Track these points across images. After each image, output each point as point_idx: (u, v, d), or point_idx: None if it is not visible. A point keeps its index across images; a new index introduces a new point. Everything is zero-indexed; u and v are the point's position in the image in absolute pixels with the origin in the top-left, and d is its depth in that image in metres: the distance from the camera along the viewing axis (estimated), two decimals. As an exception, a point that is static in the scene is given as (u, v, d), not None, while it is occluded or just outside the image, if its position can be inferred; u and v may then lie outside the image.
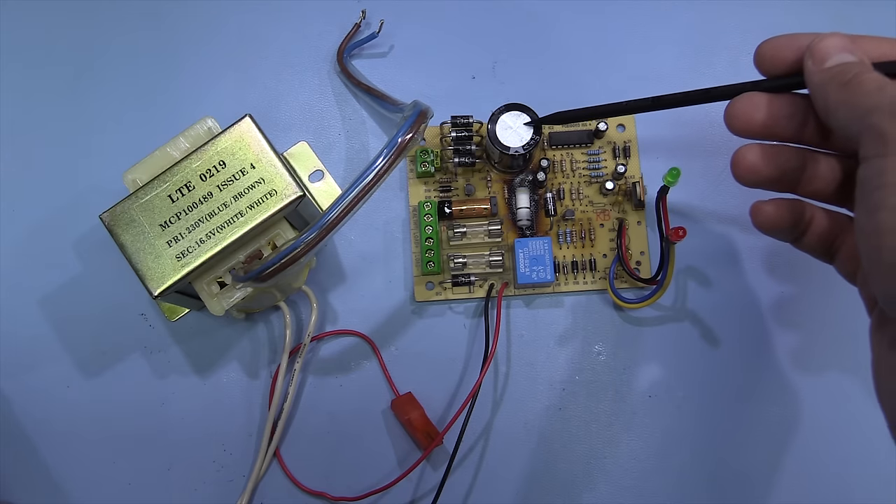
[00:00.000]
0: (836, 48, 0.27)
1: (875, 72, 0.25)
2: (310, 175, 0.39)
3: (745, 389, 0.38)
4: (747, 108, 0.29)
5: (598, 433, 0.37)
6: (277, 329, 0.38)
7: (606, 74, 0.41)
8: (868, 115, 0.24)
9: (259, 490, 0.37)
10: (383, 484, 0.36)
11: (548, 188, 0.39)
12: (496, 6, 0.42)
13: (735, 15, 0.42)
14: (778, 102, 0.29)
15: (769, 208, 0.30)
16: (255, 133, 0.33)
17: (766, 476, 0.37)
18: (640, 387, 0.38)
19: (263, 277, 0.31)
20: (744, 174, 0.29)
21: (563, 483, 0.37)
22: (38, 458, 0.37)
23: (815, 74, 0.27)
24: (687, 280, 0.39)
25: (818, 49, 0.27)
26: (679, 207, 0.39)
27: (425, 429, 0.36)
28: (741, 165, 0.29)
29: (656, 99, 0.32)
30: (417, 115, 0.32)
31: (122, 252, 0.32)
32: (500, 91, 0.41)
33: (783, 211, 0.29)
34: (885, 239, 0.23)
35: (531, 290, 0.38)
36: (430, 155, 0.39)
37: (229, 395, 0.38)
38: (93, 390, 0.37)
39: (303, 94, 0.41)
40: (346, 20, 0.41)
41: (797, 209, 0.30)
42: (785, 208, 0.29)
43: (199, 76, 0.41)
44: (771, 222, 0.30)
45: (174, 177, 0.32)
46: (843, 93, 0.25)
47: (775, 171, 0.29)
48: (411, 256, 0.39)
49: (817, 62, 0.27)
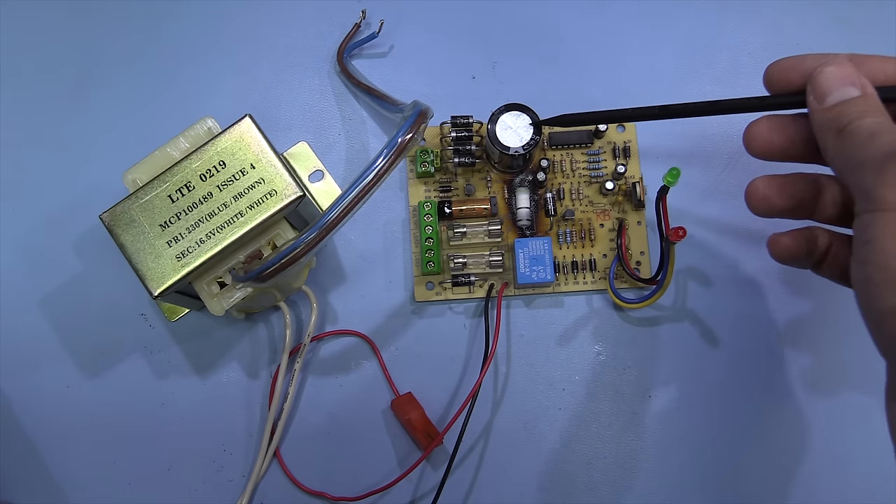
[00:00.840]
0: (837, 81, 0.26)
1: (869, 117, 0.25)
2: (310, 175, 0.39)
3: (745, 389, 0.38)
4: (765, 132, 0.29)
5: (598, 433, 0.37)
6: (277, 329, 0.38)
7: (606, 74, 0.41)
8: (858, 168, 0.24)
9: (259, 490, 0.37)
10: (383, 484, 0.36)
11: (548, 188, 0.39)
12: (496, 6, 0.42)
13: (735, 15, 0.42)
14: (795, 125, 0.29)
15: (786, 240, 0.30)
16: (255, 133, 0.33)
17: (766, 476, 0.37)
18: (640, 387, 0.38)
19: (263, 277, 0.31)
20: (759, 206, 0.29)
21: (563, 483, 0.37)
22: (38, 458, 0.37)
23: (816, 114, 0.27)
24: (687, 280, 0.39)
25: (819, 83, 0.27)
26: (679, 207, 0.39)
27: (425, 429, 0.36)
28: (755, 197, 0.29)
29: (664, 108, 0.32)
30: (417, 115, 0.32)
31: (122, 252, 0.32)
32: (500, 91, 0.41)
33: (800, 241, 0.29)
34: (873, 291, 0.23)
35: (531, 290, 0.38)
36: (430, 155, 0.39)
37: (229, 395, 0.38)
38: (93, 390, 0.37)
39: (303, 94, 0.41)
40: (346, 20, 0.41)
41: (813, 237, 0.29)
42: (802, 238, 0.29)
43: (199, 76, 0.41)
44: (789, 253, 0.29)
45: (174, 177, 0.32)
46: (837, 142, 0.25)
47: (789, 202, 0.29)
48: (411, 256, 0.39)
49: (819, 98, 0.27)
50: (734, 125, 0.41)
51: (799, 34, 0.42)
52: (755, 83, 0.41)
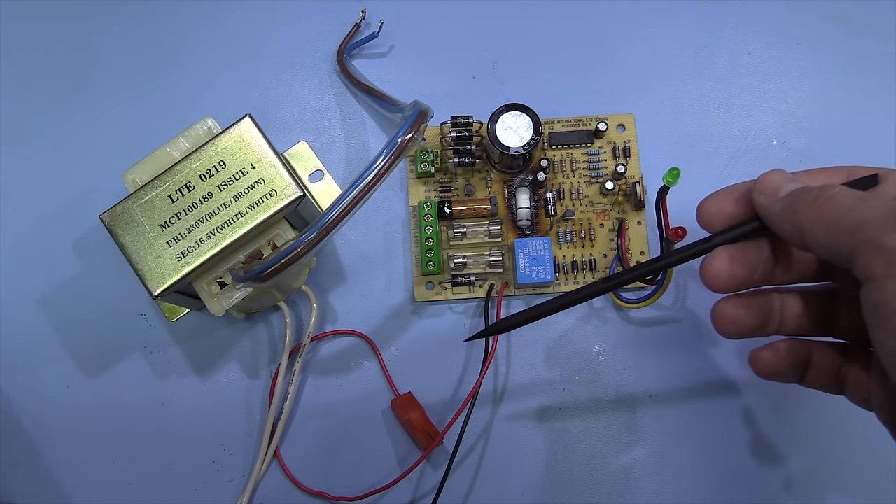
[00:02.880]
0: (783, 180, 0.26)
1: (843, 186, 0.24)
2: (310, 175, 0.39)
3: (745, 389, 0.38)
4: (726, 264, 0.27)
5: (598, 433, 0.37)
6: (277, 329, 0.38)
7: (606, 74, 0.41)
8: (860, 230, 0.22)
9: (259, 490, 0.37)
10: (383, 484, 0.36)
11: (548, 188, 0.39)
12: (496, 6, 0.42)
13: (735, 15, 0.42)
14: (751, 249, 0.27)
15: (767, 354, 0.29)
16: (255, 133, 0.33)
17: (765, 476, 0.37)
18: (640, 387, 0.38)
19: (263, 277, 0.31)
20: (728, 328, 0.28)
21: (563, 483, 0.37)
22: (38, 458, 0.37)
23: (773, 205, 0.26)
24: (687, 280, 0.39)
25: (766, 184, 0.26)
26: (679, 207, 0.39)
27: (425, 429, 0.36)
28: (724, 320, 0.28)
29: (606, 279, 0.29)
30: (417, 115, 0.32)
31: (122, 252, 0.32)
32: (500, 91, 0.41)
33: (782, 353, 0.29)
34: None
35: (531, 290, 0.38)
36: (430, 155, 0.39)
37: (229, 395, 0.38)
38: (93, 390, 0.37)
39: (303, 94, 0.41)
40: (346, 20, 0.41)
41: (795, 349, 0.29)
42: (783, 350, 0.29)
43: (199, 76, 0.41)
44: (773, 369, 0.29)
45: (174, 177, 0.32)
46: (815, 211, 0.24)
47: (757, 318, 0.28)
48: (411, 256, 0.39)
49: (770, 194, 0.26)
50: (734, 125, 0.41)
51: (799, 34, 0.42)
52: (755, 83, 0.41)
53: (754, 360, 0.29)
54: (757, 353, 0.29)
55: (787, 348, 0.29)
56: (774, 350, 0.29)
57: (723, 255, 0.27)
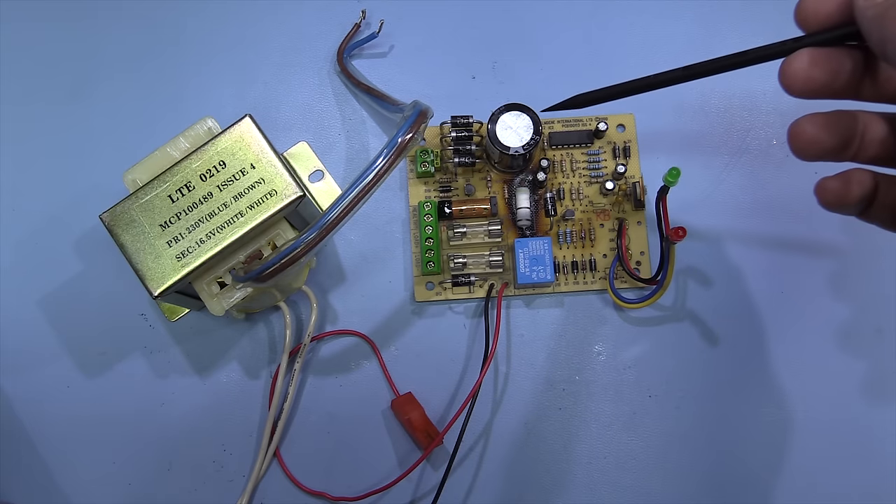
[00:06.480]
0: None
1: None
2: (310, 175, 0.39)
3: (745, 389, 0.38)
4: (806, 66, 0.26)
5: (598, 433, 0.37)
6: (277, 329, 0.38)
7: (606, 74, 0.41)
8: None
9: (259, 490, 0.37)
10: (383, 484, 0.36)
11: (548, 188, 0.39)
12: (496, 6, 0.42)
13: (735, 15, 0.42)
14: (836, 56, 0.26)
15: (835, 184, 0.27)
16: (255, 133, 0.33)
17: (765, 476, 0.37)
18: (640, 387, 0.38)
19: (263, 277, 0.31)
20: (805, 147, 0.27)
21: (564, 483, 0.37)
22: (38, 458, 0.37)
23: (868, 10, 0.24)
24: (687, 280, 0.39)
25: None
26: (679, 207, 0.39)
27: (425, 429, 0.36)
28: (802, 139, 0.27)
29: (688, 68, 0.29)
30: (417, 115, 0.32)
31: (122, 252, 0.32)
32: (500, 91, 0.41)
33: (850, 184, 0.27)
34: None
35: (531, 290, 0.38)
36: (430, 155, 0.39)
37: (229, 395, 0.38)
38: (93, 390, 0.37)
39: (303, 94, 0.41)
40: (346, 20, 0.41)
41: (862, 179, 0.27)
42: (852, 181, 0.27)
43: (199, 76, 0.41)
44: (840, 200, 0.27)
45: (174, 177, 0.32)
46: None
47: (838, 140, 0.27)
48: (411, 256, 0.39)
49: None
50: (734, 125, 0.41)
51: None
52: (755, 83, 0.41)
53: (821, 190, 0.28)
54: (824, 182, 0.28)
55: (858, 179, 0.27)
56: (844, 180, 0.27)
57: (804, 56, 0.26)
